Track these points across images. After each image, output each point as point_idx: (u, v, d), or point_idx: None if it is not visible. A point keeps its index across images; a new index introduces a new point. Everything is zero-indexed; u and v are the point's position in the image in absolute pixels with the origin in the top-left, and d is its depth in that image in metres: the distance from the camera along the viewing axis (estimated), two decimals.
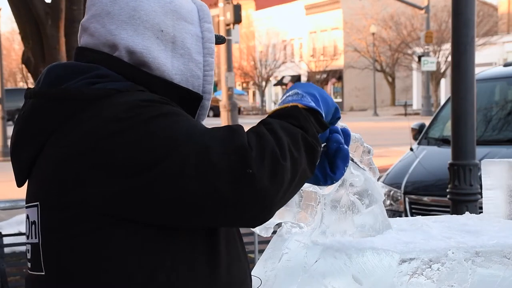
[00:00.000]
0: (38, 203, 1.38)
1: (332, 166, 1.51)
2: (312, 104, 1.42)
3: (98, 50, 1.46)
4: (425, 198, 5.77)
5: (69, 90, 1.39)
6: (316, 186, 1.73)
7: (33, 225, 1.39)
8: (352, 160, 1.73)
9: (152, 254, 1.33)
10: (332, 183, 1.53)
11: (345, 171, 1.52)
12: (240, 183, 1.27)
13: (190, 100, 1.49)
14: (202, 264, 1.38)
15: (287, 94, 1.47)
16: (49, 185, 1.36)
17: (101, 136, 1.31)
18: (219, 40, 1.65)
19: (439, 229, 1.92)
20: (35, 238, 1.39)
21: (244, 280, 1.51)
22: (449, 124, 5.41)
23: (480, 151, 4.95)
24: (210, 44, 1.52)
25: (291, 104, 1.42)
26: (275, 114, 1.42)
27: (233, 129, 1.33)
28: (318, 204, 1.76)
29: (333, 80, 53.63)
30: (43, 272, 1.38)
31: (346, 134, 1.55)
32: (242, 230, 1.58)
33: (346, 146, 1.51)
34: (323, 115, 1.44)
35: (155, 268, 1.33)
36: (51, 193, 1.35)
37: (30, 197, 1.42)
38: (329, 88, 55.67)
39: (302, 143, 1.36)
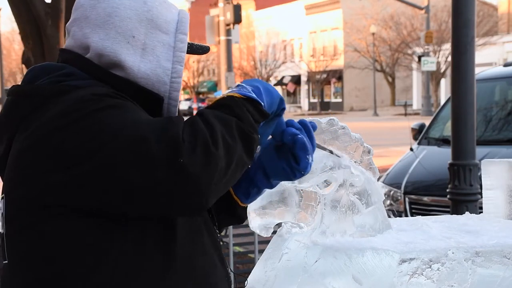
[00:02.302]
0: (3, 195, 1.50)
1: (295, 158, 1.54)
2: (250, 93, 1.47)
3: (73, 51, 1.58)
4: (425, 198, 5.77)
5: (33, 87, 1.52)
6: (316, 186, 1.74)
7: (2, 216, 1.51)
8: (331, 152, 1.72)
9: (97, 244, 1.40)
10: (302, 175, 1.57)
11: (309, 160, 1.54)
12: (172, 171, 1.32)
13: (152, 102, 1.57)
14: (153, 256, 1.44)
15: (231, 89, 1.53)
16: (9, 179, 1.48)
17: (47, 131, 1.41)
18: (202, 49, 1.73)
19: (439, 229, 1.92)
20: (2, 228, 1.52)
21: (211, 274, 1.55)
22: (449, 124, 5.41)
23: (480, 151, 4.95)
24: (180, 53, 1.60)
25: (227, 94, 1.49)
26: (212, 105, 1.47)
27: (170, 121, 1.38)
28: (318, 204, 1.76)
29: (333, 80, 53.63)
30: (6, 260, 1.50)
31: (304, 125, 1.57)
32: (242, 230, 1.59)
33: (302, 136, 1.54)
34: (262, 103, 1.47)
35: (100, 258, 1.41)
36: (9, 186, 1.47)
37: (1, 190, 1.54)
38: (330, 88, 55.70)
39: (236, 131, 1.40)
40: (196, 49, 1.72)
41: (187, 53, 1.66)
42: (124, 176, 1.34)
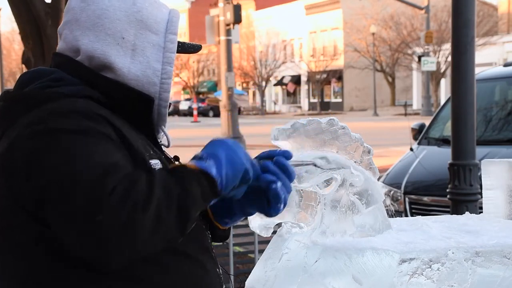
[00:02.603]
0: None
1: (268, 202, 1.53)
2: (208, 168, 1.40)
3: (64, 54, 1.59)
4: (425, 198, 5.77)
5: (22, 93, 1.53)
6: (316, 186, 1.74)
7: None
8: (315, 165, 1.69)
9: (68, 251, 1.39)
10: (272, 216, 1.57)
11: (281, 207, 1.52)
12: (86, 226, 1.31)
13: (142, 103, 1.57)
14: (135, 265, 1.42)
15: (194, 155, 1.47)
16: None
17: (16, 139, 1.43)
18: (193, 48, 1.73)
19: (439, 229, 1.92)
20: None
21: (201, 279, 1.55)
22: (449, 124, 5.40)
23: (480, 151, 4.95)
24: (170, 54, 1.61)
25: (182, 164, 1.46)
26: (167, 169, 1.45)
27: (111, 169, 1.35)
28: (318, 204, 1.76)
29: (333, 80, 53.63)
30: None
31: (281, 166, 1.53)
32: (242, 230, 1.59)
33: (277, 185, 1.50)
34: (218, 180, 1.41)
35: (73, 266, 1.40)
36: None
37: None
38: (330, 88, 55.70)
39: (175, 204, 1.35)
40: (187, 48, 1.71)
41: (178, 52, 1.66)
42: (53, 206, 1.35)
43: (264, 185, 1.51)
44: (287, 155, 1.56)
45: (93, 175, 1.33)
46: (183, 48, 1.70)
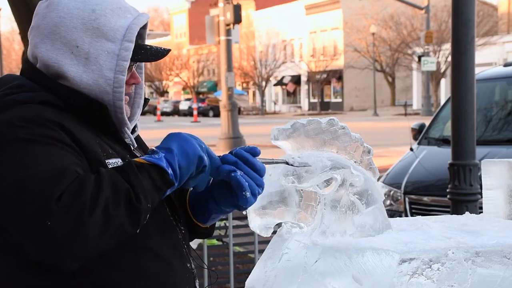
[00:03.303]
0: None
1: (235, 195, 1.57)
2: (157, 160, 1.47)
3: (28, 60, 1.64)
4: (425, 198, 5.77)
5: None
6: (316, 186, 1.73)
7: None
8: (287, 163, 1.69)
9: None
10: (244, 209, 1.60)
11: (247, 196, 1.55)
12: (34, 232, 1.37)
13: (97, 110, 1.60)
14: (92, 265, 1.48)
15: (149, 151, 1.54)
16: None
17: None
18: (155, 56, 1.70)
19: (439, 229, 1.92)
20: None
21: (167, 275, 1.58)
22: (449, 124, 5.40)
23: (480, 151, 4.95)
24: (123, 62, 1.61)
25: (129, 160, 1.51)
26: (116, 167, 1.49)
27: (59, 177, 1.40)
28: (318, 204, 1.75)
29: (333, 80, 53.62)
30: None
31: (240, 156, 1.56)
32: (242, 230, 1.60)
33: (236, 173, 1.54)
34: (169, 170, 1.47)
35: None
36: None
37: None
38: (330, 88, 55.70)
39: (123, 199, 1.41)
40: (149, 56, 1.69)
41: (138, 60, 1.67)
42: (5, 215, 1.41)
43: (226, 176, 1.55)
44: (253, 151, 1.59)
45: (40, 182, 1.38)
46: (144, 56, 1.68)
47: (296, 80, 57.04)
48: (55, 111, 1.55)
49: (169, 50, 1.73)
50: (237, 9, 17.27)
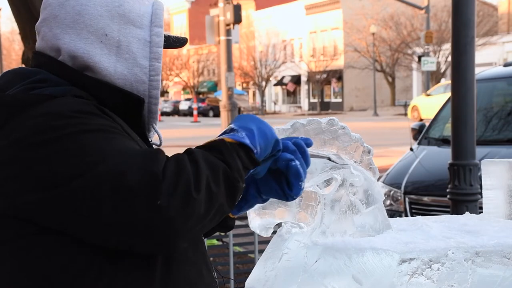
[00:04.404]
0: None
1: (288, 183, 1.49)
2: (243, 139, 1.40)
3: (45, 53, 1.50)
4: (425, 198, 5.77)
5: (5, 96, 1.42)
6: (316, 186, 1.74)
7: None
8: (329, 159, 1.69)
9: (71, 264, 1.34)
10: (293, 199, 1.54)
11: (302, 187, 1.50)
12: (147, 212, 1.26)
13: (133, 103, 1.50)
14: (132, 273, 1.38)
15: (224, 130, 1.46)
16: None
17: (21, 147, 1.32)
18: (179, 42, 1.65)
19: (439, 229, 1.92)
20: None
21: (197, 284, 1.51)
22: (449, 124, 5.41)
23: (480, 151, 4.95)
24: (157, 48, 1.53)
25: (218, 138, 1.42)
26: (203, 146, 1.41)
27: (153, 156, 1.31)
28: (318, 204, 1.76)
29: (333, 80, 53.63)
30: None
31: (299, 147, 1.51)
32: (242, 230, 1.59)
33: (295, 163, 1.48)
34: (255, 150, 1.41)
35: (76, 278, 1.34)
36: None
37: None
38: (330, 88, 55.69)
39: (222, 178, 1.35)
40: (173, 43, 1.64)
41: (165, 47, 1.60)
42: (97, 208, 1.27)
43: (283, 164, 1.48)
44: (308, 141, 1.54)
45: (138, 164, 1.28)
46: (168, 42, 1.62)
47: (296, 80, 57.05)
48: (94, 105, 1.42)
49: (187, 39, 1.67)
50: (237, 9, 17.27)
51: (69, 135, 1.31)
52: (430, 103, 27.62)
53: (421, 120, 25.63)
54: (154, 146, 1.64)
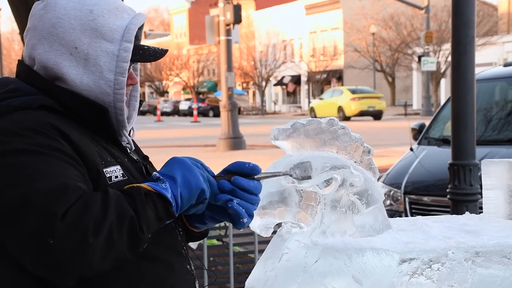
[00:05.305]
0: None
1: (232, 220, 1.58)
2: (163, 190, 1.47)
3: (24, 62, 1.61)
4: (425, 198, 5.76)
5: None
6: (316, 186, 1.73)
7: None
8: (291, 175, 1.70)
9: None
10: (244, 228, 1.61)
11: (245, 221, 1.57)
12: (37, 249, 1.34)
13: (97, 112, 1.58)
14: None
15: (152, 175, 1.52)
16: None
17: None
18: (154, 56, 1.67)
19: (439, 229, 1.92)
20: None
21: (167, 278, 1.57)
22: (449, 124, 5.40)
23: (480, 151, 4.95)
24: (123, 63, 1.59)
25: (138, 184, 1.48)
26: (123, 189, 1.47)
27: (63, 192, 1.37)
28: (318, 204, 1.75)
29: (333, 80, 53.62)
30: None
31: (238, 185, 1.56)
32: (242, 230, 1.61)
33: (233, 203, 1.55)
34: (173, 203, 1.47)
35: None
36: None
37: None
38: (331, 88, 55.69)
39: (127, 227, 1.40)
40: (148, 56, 1.67)
41: (136, 61, 1.66)
42: (3, 229, 1.37)
43: (222, 203, 1.56)
44: (255, 171, 1.58)
45: (44, 198, 1.36)
46: (143, 56, 1.66)
47: (296, 80, 57.03)
48: (54, 117, 1.52)
49: (166, 51, 1.71)
50: (237, 9, 17.27)
51: (3, 154, 1.41)
52: (323, 104, 36.15)
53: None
54: (128, 149, 1.70)
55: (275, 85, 58.73)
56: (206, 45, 56.93)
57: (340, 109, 34.99)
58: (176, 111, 53.22)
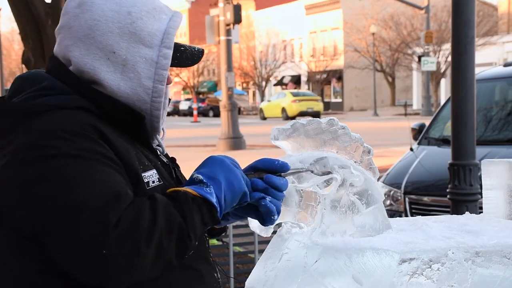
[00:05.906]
0: None
1: (261, 216, 1.56)
2: (209, 195, 1.42)
3: (59, 59, 1.54)
4: (425, 198, 5.76)
5: (11, 104, 1.48)
6: (316, 186, 1.73)
7: None
8: (312, 171, 1.70)
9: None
10: (271, 225, 1.61)
11: (275, 219, 1.56)
12: (90, 259, 1.31)
13: (134, 118, 1.53)
14: None
15: (192, 176, 1.47)
16: None
17: (7, 166, 1.38)
18: (191, 60, 1.64)
19: (439, 229, 1.92)
20: None
21: (196, 286, 1.55)
22: (449, 124, 5.40)
23: (480, 151, 4.95)
24: (162, 71, 1.54)
25: (183, 189, 1.44)
26: (168, 193, 1.44)
27: (114, 200, 1.34)
28: (318, 204, 1.75)
29: (333, 80, 53.63)
30: None
31: (270, 183, 1.54)
32: (242, 230, 1.61)
33: (266, 201, 1.53)
34: (218, 208, 1.44)
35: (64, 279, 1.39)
36: None
37: None
38: (330, 88, 55.69)
39: (175, 236, 1.37)
40: (184, 60, 1.64)
41: (176, 66, 1.61)
42: (52, 235, 1.33)
43: (254, 201, 1.54)
44: (285, 169, 1.58)
45: (97, 205, 1.31)
46: (180, 60, 1.62)
47: (296, 80, 57.04)
48: (93, 119, 1.46)
49: (202, 52, 1.66)
50: (237, 9, 17.27)
51: (47, 158, 1.35)
52: (270, 105, 40.24)
53: (264, 119, 39.09)
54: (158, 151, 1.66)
55: (275, 85, 58.72)
56: (206, 45, 56.93)
57: (283, 109, 38.41)
58: (176, 111, 53.20)
